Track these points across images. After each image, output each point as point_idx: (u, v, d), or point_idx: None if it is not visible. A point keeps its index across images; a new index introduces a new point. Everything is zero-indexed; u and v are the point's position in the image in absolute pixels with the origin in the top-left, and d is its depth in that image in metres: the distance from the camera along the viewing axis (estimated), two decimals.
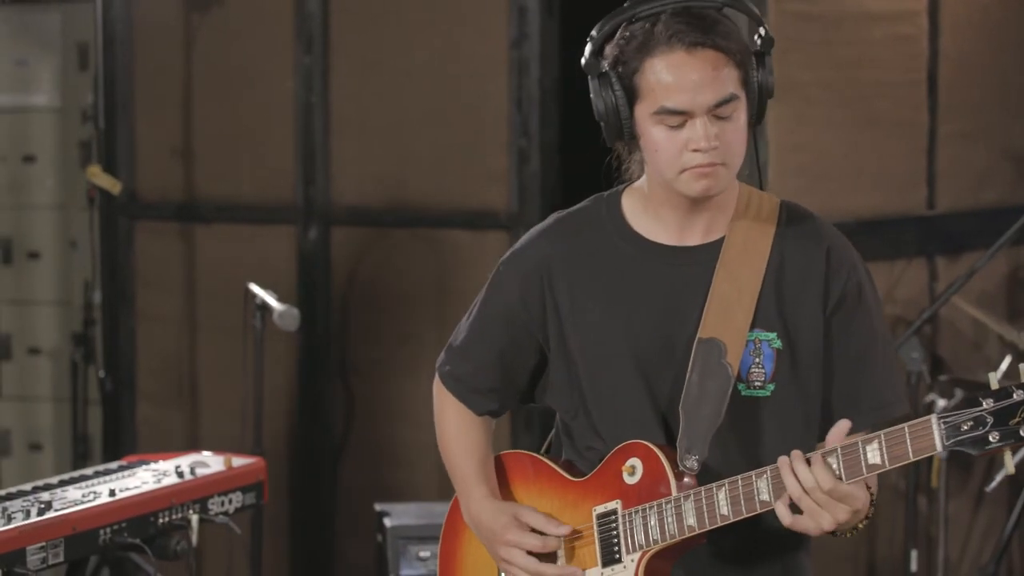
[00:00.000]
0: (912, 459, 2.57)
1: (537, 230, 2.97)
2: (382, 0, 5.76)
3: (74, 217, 6.51)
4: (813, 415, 2.84)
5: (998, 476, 4.75)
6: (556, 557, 2.91)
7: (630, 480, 2.82)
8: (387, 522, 4.73)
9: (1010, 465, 2.57)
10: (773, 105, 2.83)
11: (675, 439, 2.81)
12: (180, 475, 4.01)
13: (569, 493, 2.92)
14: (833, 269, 2.83)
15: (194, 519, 3.92)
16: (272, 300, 4.99)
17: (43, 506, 3.67)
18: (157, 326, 6.04)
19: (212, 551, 5.71)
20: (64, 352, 6.50)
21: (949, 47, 5.56)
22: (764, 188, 2.91)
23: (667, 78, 2.71)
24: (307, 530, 5.87)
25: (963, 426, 2.53)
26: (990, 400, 2.53)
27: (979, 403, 2.54)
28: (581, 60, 2.82)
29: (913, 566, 5.11)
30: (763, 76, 2.79)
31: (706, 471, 2.79)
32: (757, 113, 2.80)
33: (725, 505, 2.72)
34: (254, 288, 5.05)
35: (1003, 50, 5.75)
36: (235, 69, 5.90)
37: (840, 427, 2.67)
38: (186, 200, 5.97)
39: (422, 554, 4.66)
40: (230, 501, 4.08)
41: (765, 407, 2.82)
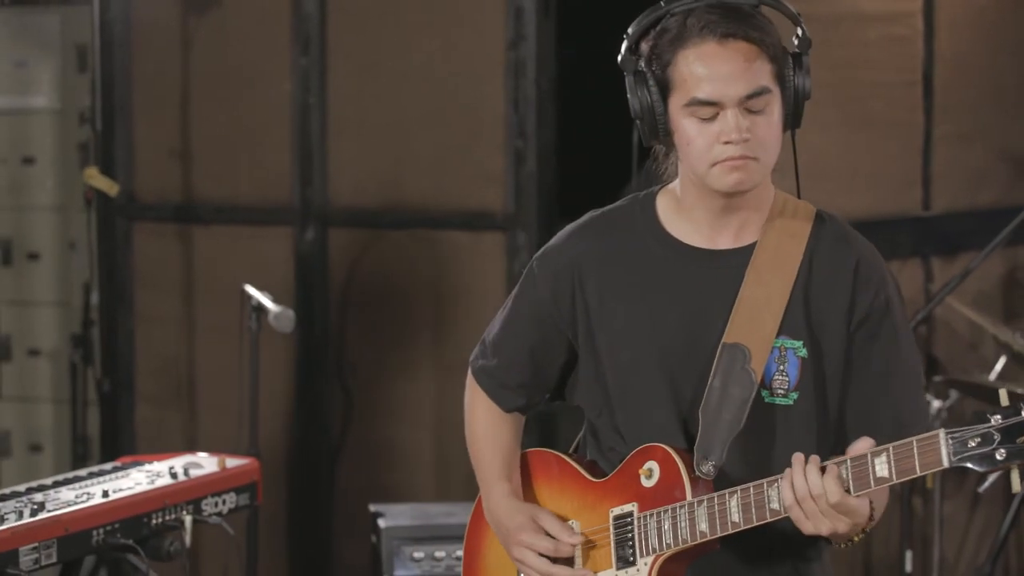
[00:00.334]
0: (919, 473, 2.55)
1: (571, 227, 2.96)
2: (379, 1, 5.75)
3: (73, 218, 6.51)
4: (832, 427, 2.82)
5: (991, 477, 4.74)
6: (572, 557, 2.90)
7: (647, 483, 2.82)
8: (381, 523, 4.73)
9: (1016, 484, 2.51)
10: None
11: (695, 443, 2.79)
12: (174, 476, 4.01)
13: (589, 494, 2.91)
14: (861, 283, 2.80)
15: (187, 520, 3.93)
16: (267, 301, 4.98)
17: (36, 507, 3.68)
18: (155, 327, 6.03)
19: (209, 552, 5.72)
20: (64, 353, 6.50)
21: (944, 48, 5.55)
22: (799, 194, 2.88)
23: (699, 69, 2.70)
24: (304, 531, 5.87)
25: (970, 442, 2.50)
26: (998, 416, 2.50)
27: (987, 419, 2.50)
28: (615, 58, 2.80)
29: (908, 567, 5.11)
30: (800, 77, 2.76)
31: (725, 477, 2.77)
32: (794, 116, 2.78)
33: (737, 512, 2.71)
34: (250, 289, 5.05)
35: (999, 51, 5.74)
36: (233, 71, 5.89)
37: (863, 443, 2.64)
38: (184, 201, 5.97)
39: (416, 555, 4.66)
40: (224, 502, 4.09)
41: (786, 416, 2.80)
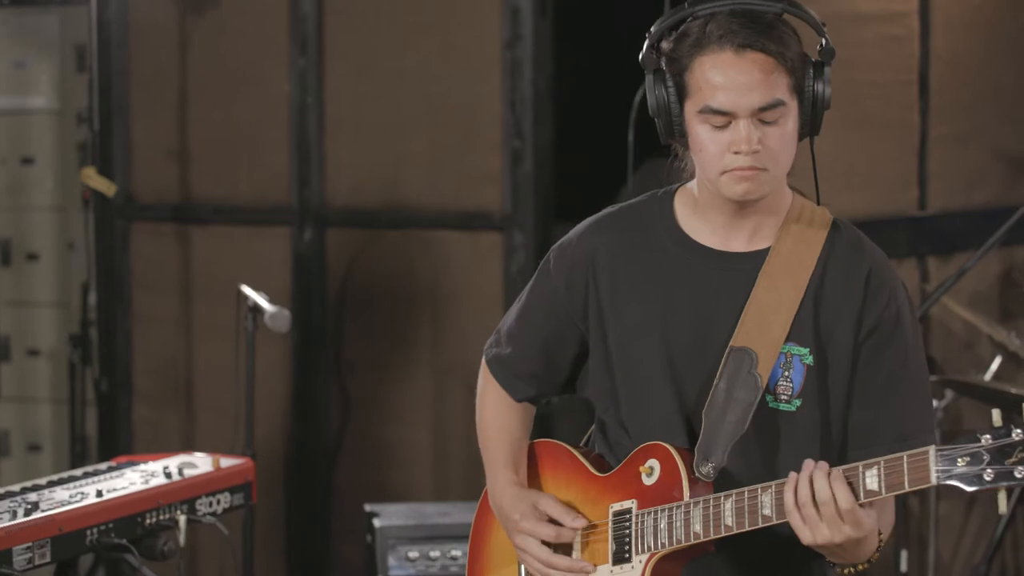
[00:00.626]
0: (908, 489, 2.55)
1: (589, 221, 2.97)
2: (376, 2, 5.76)
3: (72, 219, 6.52)
4: (835, 436, 2.81)
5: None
6: (572, 549, 2.92)
7: (647, 481, 2.83)
8: (376, 522, 4.74)
9: (1003, 505, 2.52)
10: None
11: (697, 443, 2.80)
12: (168, 476, 4.02)
13: (591, 488, 2.93)
14: (871, 294, 2.79)
15: (181, 519, 3.93)
16: (263, 301, 4.98)
17: (30, 507, 3.68)
18: (153, 327, 6.04)
19: (206, 552, 5.73)
20: (63, 353, 6.51)
21: (940, 48, 5.54)
22: (819, 201, 2.87)
23: (714, 77, 2.70)
24: (302, 531, 5.87)
25: (959, 460, 2.49)
26: (988, 437, 2.49)
27: (978, 439, 2.49)
28: (639, 56, 2.81)
29: (903, 566, 5.12)
30: (820, 87, 2.76)
31: (728, 479, 2.77)
32: (812, 124, 2.78)
33: (730, 516, 2.71)
34: (245, 289, 5.05)
35: (994, 51, 5.74)
36: (230, 71, 5.90)
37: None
38: (182, 201, 5.98)
39: (411, 554, 4.67)
40: (218, 502, 4.09)
41: (789, 422, 2.80)
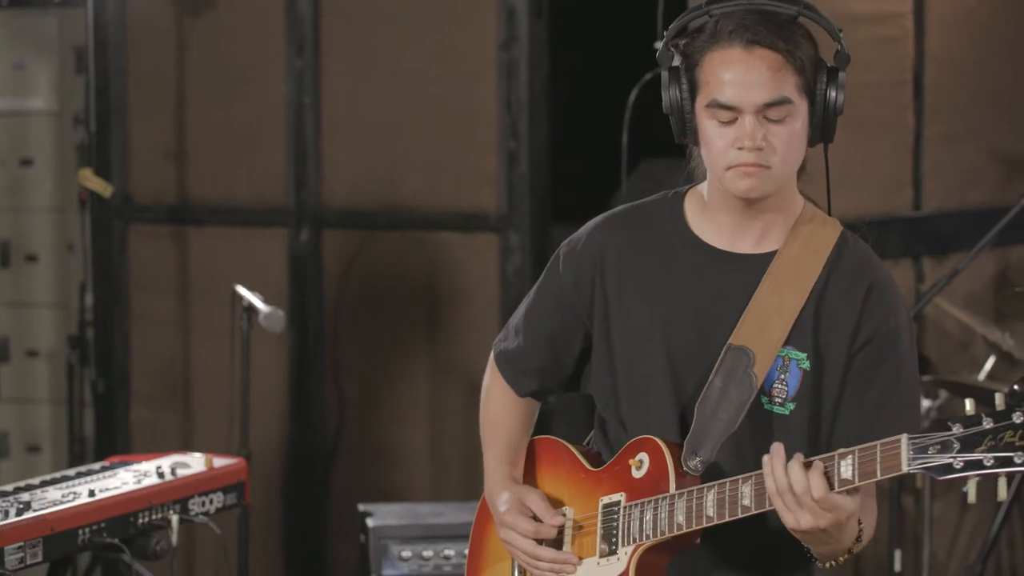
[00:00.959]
0: (880, 478, 2.54)
1: (600, 218, 2.99)
2: (373, 3, 5.77)
3: (71, 220, 6.52)
4: (823, 443, 2.81)
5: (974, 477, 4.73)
6: (561, 542, 2.94)
7: (637, 474, 2.85)
8: (370, 522, 4.75)
9: (1002, 492, 2.48)
10: None
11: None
12: (160, 475, 4.03)
13: (585, 482, 2.95)
14: (869, 308, 2.79)
15: (174, 519, 3.95)
16: (258, 302, 4.99)
17: (22, 506, 3.69)
18: (151, 328, 6.05)
19: (202, 552, 5.74)
20: (62, 354, 6.52)
21: (935, 48, 5.54)
22: (830, 210, 2.88)
23: (722, 72, 2.72)
24: (298, 531, 5.88)
25: (930, 449, 2.48)
26: (959, 426, 2.47)
27: (949, 428, 2.47)
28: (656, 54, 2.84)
29: (897, 566, 5.12)
30: (833, 91, 2.75)
31: (720, 476, 2.78)
32: (823, 130, 2.77)
33: (712, 507, 2.73)
34: (240, 290, 5.06)
35: (989, 51, 5.73)
36: (227, 72, 5.91)
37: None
38: (179, 203, 5.98)
39: (404, 554, 4.68)
40: (211, 501, 4.11)
41: (782, 424, 2.81)
